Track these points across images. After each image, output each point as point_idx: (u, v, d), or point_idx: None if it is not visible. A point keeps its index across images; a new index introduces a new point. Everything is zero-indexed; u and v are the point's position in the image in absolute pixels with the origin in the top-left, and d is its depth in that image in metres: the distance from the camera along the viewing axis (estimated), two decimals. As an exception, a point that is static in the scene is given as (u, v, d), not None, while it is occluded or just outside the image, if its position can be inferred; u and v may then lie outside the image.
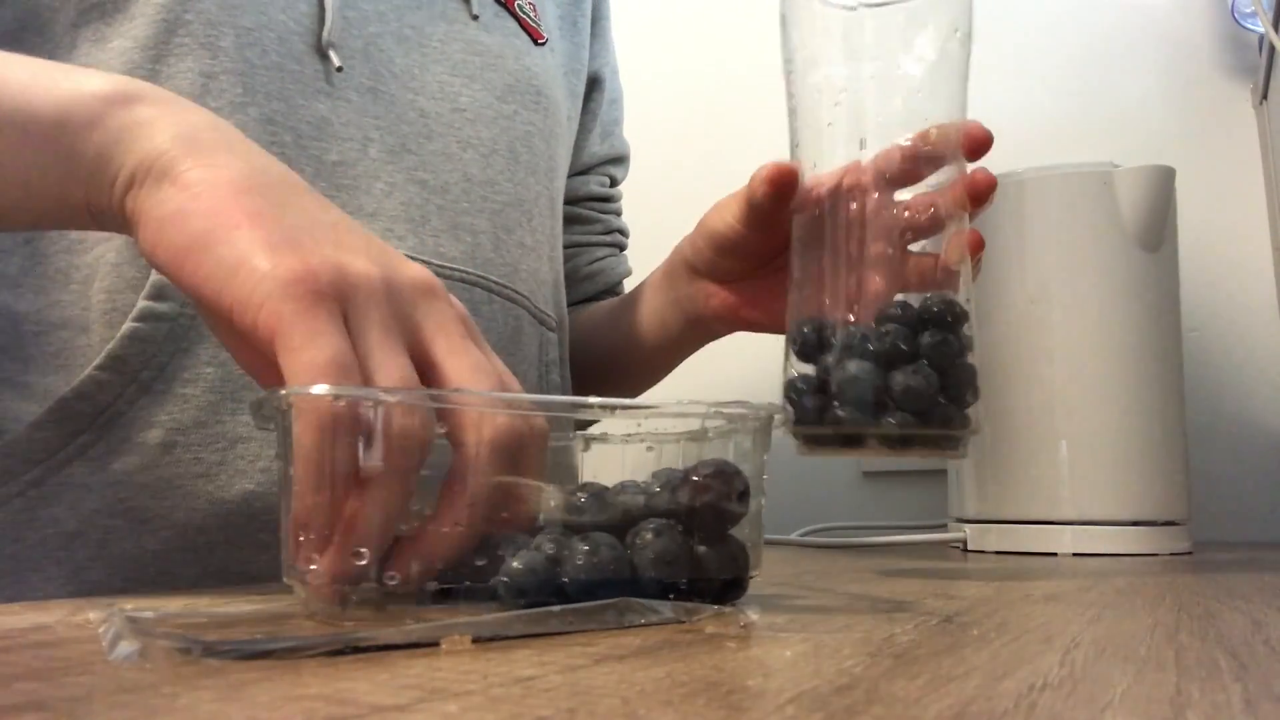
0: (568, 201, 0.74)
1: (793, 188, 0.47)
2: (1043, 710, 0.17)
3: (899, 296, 0.43)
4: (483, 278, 0.57)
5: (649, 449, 0.34)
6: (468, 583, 0.29)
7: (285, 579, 0.30)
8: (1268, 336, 0.90)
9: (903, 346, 0.41)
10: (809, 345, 0.44)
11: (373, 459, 0.28)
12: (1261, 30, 0.87)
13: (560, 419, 0.34)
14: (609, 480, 0.33)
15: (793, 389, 0.45)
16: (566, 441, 0.35)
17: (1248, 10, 0.90)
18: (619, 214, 0.81)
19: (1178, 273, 0.71)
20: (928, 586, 0.42)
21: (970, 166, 0.45)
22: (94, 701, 0.18)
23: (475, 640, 0.24)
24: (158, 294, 0.46)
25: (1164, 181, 0.69)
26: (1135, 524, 0.66)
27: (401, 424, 0.28)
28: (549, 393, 0.64)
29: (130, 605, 0.29)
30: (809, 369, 0.43)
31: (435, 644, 0.23)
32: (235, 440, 0.47)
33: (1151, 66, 0.98)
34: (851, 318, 0.43)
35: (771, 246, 0.52)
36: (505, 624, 0.26)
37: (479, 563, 0.29)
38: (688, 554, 0.30)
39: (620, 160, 0.80)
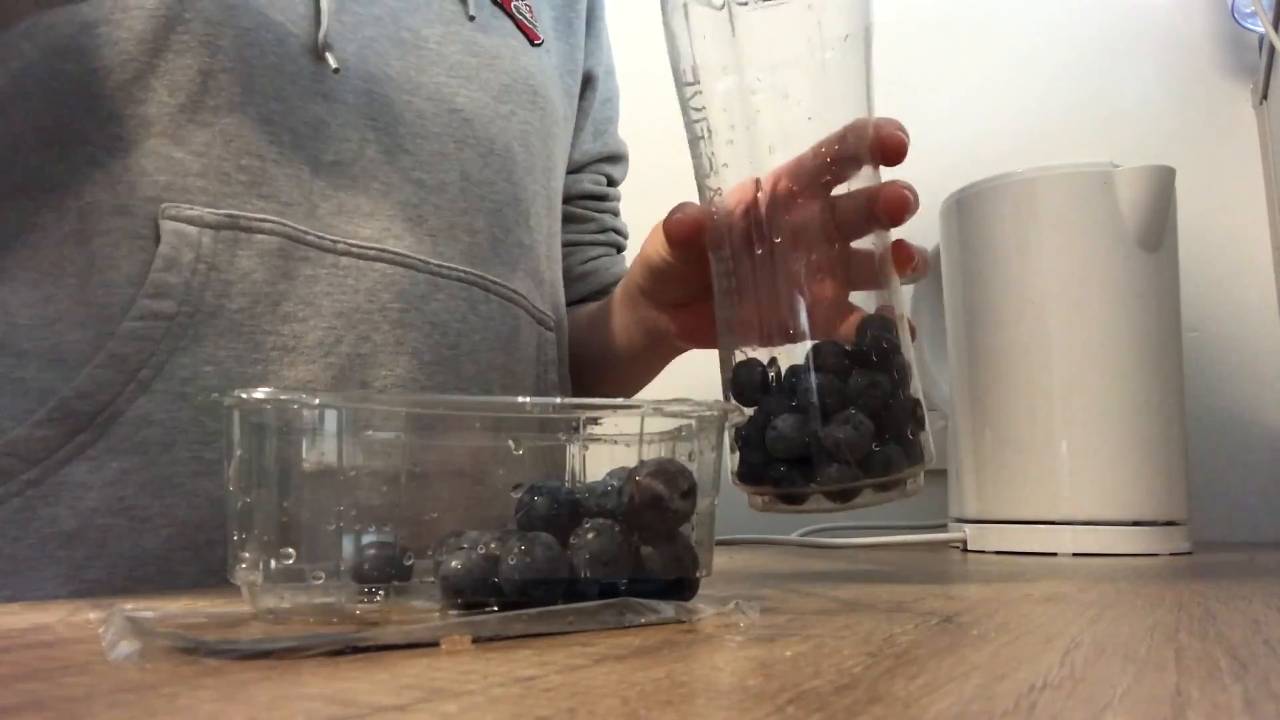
0: (564, 199, 0.74)
1: (699, 233, 0.46)
2: (1043, 710, 0.17)
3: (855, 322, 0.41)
4: (481, 277, 0.58)
5: (626, 446, 0.34)
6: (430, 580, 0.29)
7: (231, 579, 0.30)
8: (1268, 336, 0.90)
9: (827, 400, 0.39)
10: (743, 394, 0.42)
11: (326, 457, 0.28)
12: (1261, 30, 0.87)
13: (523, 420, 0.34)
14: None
15: (736, 440, 0.43)
16: (552, 442, 0.34)
17: (1248, 10, 0.90)
18: (616, 214, 0.80)
19: (1178, 273, 0.71)
20: (928, 586, 0.42)
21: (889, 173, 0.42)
22: (94, 701, 0.18)
23: (475, 640, 0.24)
24: (157, 291, 0.46)
25: (1164, 181, 0.69)
26: (1135, 524, 0.66)
27: None
28: (547, 393, 0.64)
29: (130, 605, 0.29)
30: (749, 419, 0.42)
31: (435, 644, 0.24)
32: None
33: (1151, 66, 0.98)
34: (777, 368, 0.41)
35: (707, 276, 0.49)
36: (505, 624, 0.26)
37: (407, 563, 0.29)
38: (628, 554, 0.30)
39: (615, 159, 0.79)
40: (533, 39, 0.66)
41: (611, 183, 0.80)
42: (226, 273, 0.48)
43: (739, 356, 0.44)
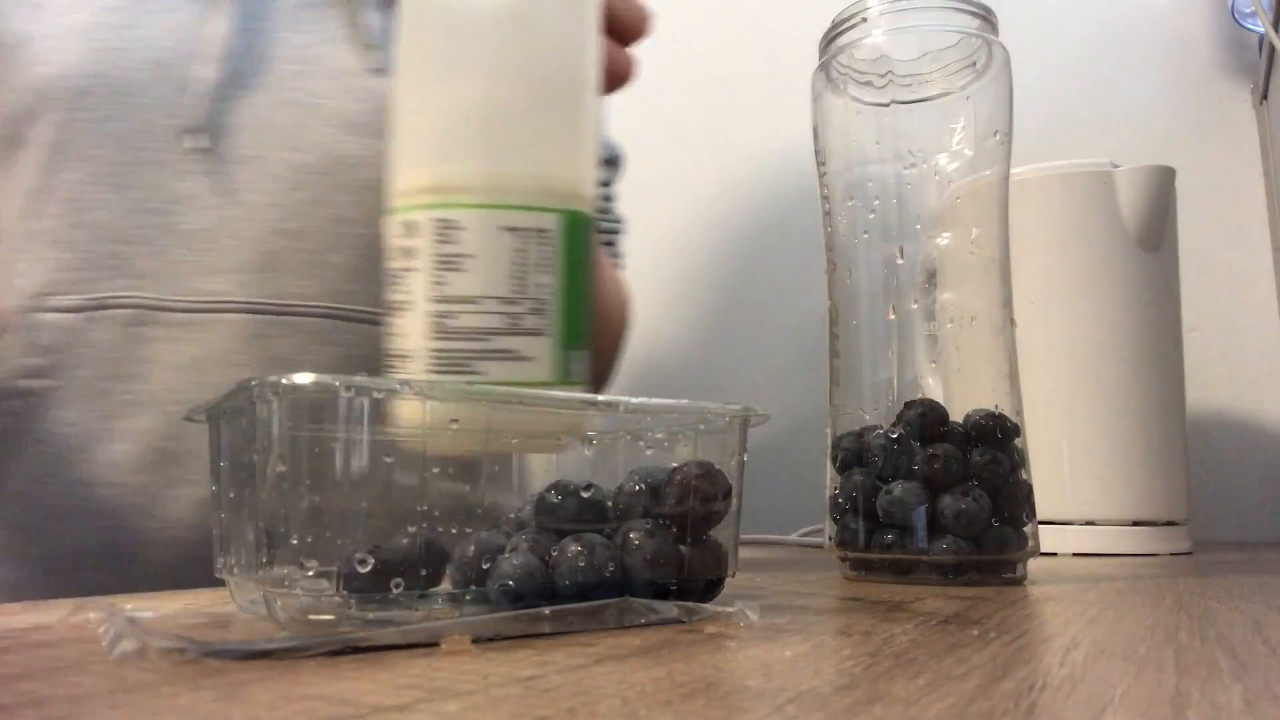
0: None
1: None
2: (1043, 710, 0.17)
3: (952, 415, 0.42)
4: (337, 308, 0.61)
5: (648, 449, 0.34)
6: (473, 588, 0.28)
7: (219, 574, 0.30)
8: (1268, 336, 0.90)
9: (950, 470, 0.39)
10: (849, 459, 0.43)
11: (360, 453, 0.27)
12: (1261, 30, 0.87)
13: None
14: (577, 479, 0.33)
15: (835, 507, 0.43)
16: (555, 439, 0.34)
17: (1248, 10, 0.90)
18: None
19: (1178, 273, 0.71)
20: (928, 587, 0.42)
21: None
22: (94, 701, 0.18)
23: (475, 640, 0.24)
24: (26, 373, 0.55)
25: (1164, 181, 0.69)
26: (1135, 524, 0.66)
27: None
28: None
29: (130, 605, 0.29)
30: (852, 484, 0.42)
31: (435, 644, 0.23)
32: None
33: (1151, 66, 0.98)
34: (887, 436, 0.41)
35: None
36: (505, 624, 0.25)
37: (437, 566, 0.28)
38: (679, 554, 0.30)
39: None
40: None
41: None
42: (81, 346, 0.55)
43: (843, 424, 0.44)
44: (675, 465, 0.31)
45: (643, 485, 0.31)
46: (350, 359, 0.62)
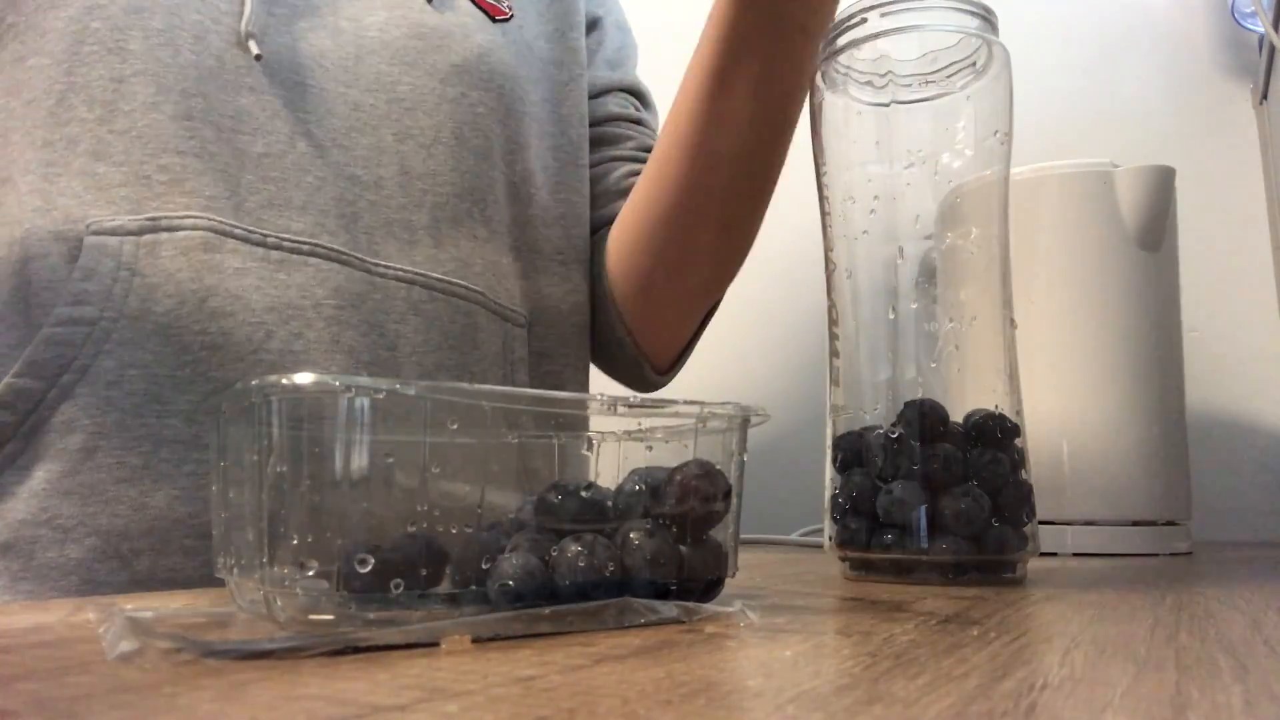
0: (591, 124, 0.71)
1: None
2: (1043, 710, 0.17)
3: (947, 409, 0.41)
4: (421, 275, 0.56)
5: (649, 448, 0.34)
6: (475, 587, 0.28)
7: (219, 574, 0.30)
8: (1268, 336, 0.90)
9: (949, 471, 0.39)
10: (849, 459, 0.43)
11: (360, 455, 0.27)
12: (1261, 30, 0.87)
13: (543, 415, 0.33)
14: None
15: (835, 506, 0.43)
16: (555, 439, 0.34)
17: (1248, 10, 0.90)
18: (653, 138, 0.75)
19: (1178, 273, 0.71)
20: (928, 587, 0.42)
21: None
22: (94, 701, 0.18)
23: (475, 640, 0.24)
24: (76, 299, 0.46)
25: (1164, 181, 0.69)
26: (1135, 524, 0.66)
27: None
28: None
29: (130, 605, 0.29)
30: (852, 484, 0.42)
31: (435, 644, 0.23)
32: (159, 443, 0.46)
33: (1151, 66, 0.98)
34: (887, 436, 0.42)
35: None
36: (505, 624, 0.25)
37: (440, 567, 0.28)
38: (678, 554, 0.30)
39: (639, 94, 0.76)
40: (495, 14, 0.63)
41: (642, 108, 0.76)
42: (150, 275, 0.47)
43: (843, 424, 0.44)
44: (675, 465, 0.31)
45: (643, 485, 0.31)
46: (447, 335, 0.57)
